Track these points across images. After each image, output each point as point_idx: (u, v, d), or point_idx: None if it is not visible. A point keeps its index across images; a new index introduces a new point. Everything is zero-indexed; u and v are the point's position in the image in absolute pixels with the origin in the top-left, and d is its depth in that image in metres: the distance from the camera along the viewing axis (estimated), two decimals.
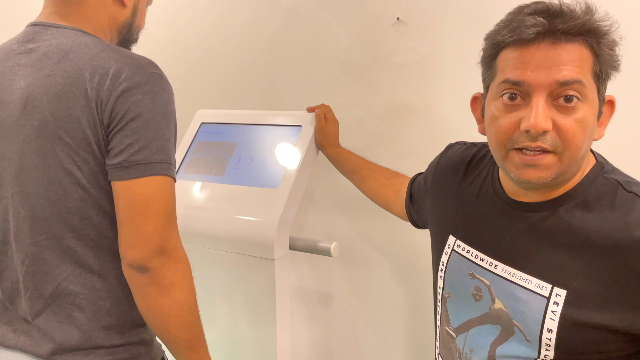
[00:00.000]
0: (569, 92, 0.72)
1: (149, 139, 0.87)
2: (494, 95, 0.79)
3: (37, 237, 0.91)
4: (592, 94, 0.74)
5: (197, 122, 1.55)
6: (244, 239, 1.27)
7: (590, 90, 0.73)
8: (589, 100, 0.73)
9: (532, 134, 0.73)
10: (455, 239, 0.93)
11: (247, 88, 1.77)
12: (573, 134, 0.73)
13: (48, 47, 0.91)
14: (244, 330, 1.33)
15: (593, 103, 0.74)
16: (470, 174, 0.96)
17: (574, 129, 0.73)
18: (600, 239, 0.74)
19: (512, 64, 0.75)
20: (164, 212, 0.88)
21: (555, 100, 0.73)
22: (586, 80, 0.72)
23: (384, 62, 1.51)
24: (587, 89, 0.73)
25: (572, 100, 0.72)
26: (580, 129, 0.73)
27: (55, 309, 0.92)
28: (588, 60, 0.72)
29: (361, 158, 1.36)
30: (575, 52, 0.72)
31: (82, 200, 0.90)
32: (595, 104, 0.75)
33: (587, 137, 0.74)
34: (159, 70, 0.91)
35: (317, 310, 1.76)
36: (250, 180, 1.35)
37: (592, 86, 0.74)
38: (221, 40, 1.79)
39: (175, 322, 0.91)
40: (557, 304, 0.75)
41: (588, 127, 0.74)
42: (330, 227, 1.69)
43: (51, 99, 0.87)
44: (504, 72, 0.76)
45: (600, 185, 0.78)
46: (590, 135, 0.76)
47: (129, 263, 0.88)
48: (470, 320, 0.88)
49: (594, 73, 0.73)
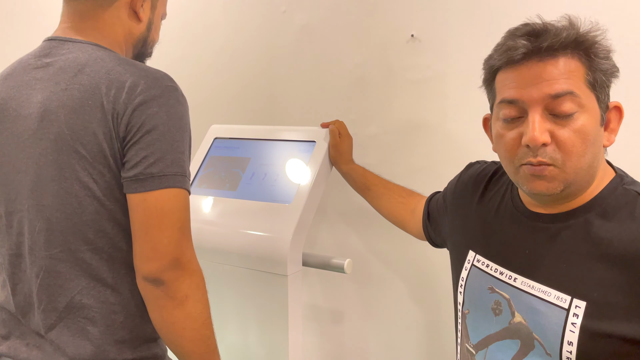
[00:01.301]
0: (563, 104, 0.75)
1: (164, 151, 0.87)
2: (496, 115, 0.84)
3: (52, 250, 0.91)
4: (589, 103, 0.76)
5: (211, 137, 1.55)
6: (257, 255, 1.26)
7: (586, 99, 0.76)
8: (587, 109, 0.76)
9: (532, 148, 0.76)
10: (475, 254, 0.93)
11: (260, 103, 1.77)
12: (571, 144, 0.75)
13: (65, 61, 0.92)
14: (255, 347, 1.32)
15: (592, 112, 0.76)
16: (490, 190, 0.97)
17: (572, 140, 0.75)
18: (620, 248, 0.74)
19: (507, 84, 0.79)
20: (179, 224, 0.88)
21: (553, 113, 0.76)
22: (579, 90, 0.75)
23: (397, 79, 1.52)
24: (581, 99, 0.75)
25: (568, 111, 0.75)
26: (579, 138, 0.75)
27: (68, 323, 0.92)
28: (578, 70, 0.75)
29: (375, 175, 1.36)
30: (564, 65, 0.75)
31: (98, 213, 0.90)
32: (595, 112, 0.77)
33: (588, 145, 0.76)
34: (174, 84, 0.92)
35: (329, 328, 1.75)
36: (264, 195, 1.35)
37: (587, 95, 0.76)
38: (235, 56, 1.80)
39: (189, 335, 0.90)
40: (576, 316, 0.75)
41: (588, 135, 0.76)
42: (343, 244, 1.68)
43: (68, 112, 0.88)
44: (500, 92, 0.81)
45: (620, 196, 0.79)
46: (594, 143, 0.77)
47: (144, 276, 0.88)
48: (489, 336, 0.87)
49: (587, 82, 0.76)
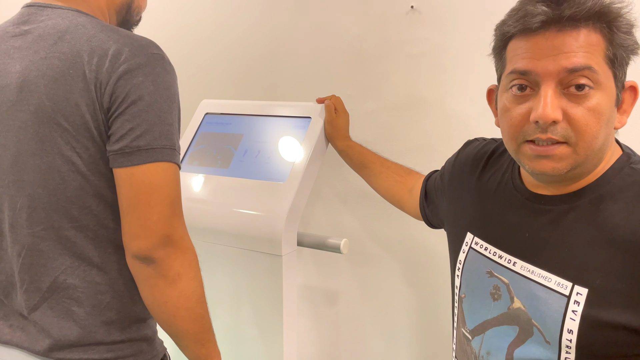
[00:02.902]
0: (579, 80, 0.71)
1: (151, 123, 0.85)
2: (504, 87, 0.79)
3: (35, 227, 0.89)
4: (606, 81, 0.72)
5: (202, 112, 1.53)
6: (251, 234, 1.25)
7: (604, 76, 0.72)
8: (603, 87, 0.72)
9: (542, 125, 0.72)
10: (473, 236, 0.91)
11: (253, 78, 1.75)
12: (585, 123, 0.71)
13: (44, 28, 0.89)
14: (249, 329, 1.32)
15: (608, 90, 0.73)
16: (489, 169, 0.94)
17: (586, 118, 0.71)
18: (626, 233, 0.71)
19: (520, 53, 0.75)
20: (169, 200, 0.86)
21: (566, 89, 0.72)
22: (598, 66, 0.71)
23: (396, 53, 1.50)
24: (599, 76, 0.71)
25: (584, 88, 0.71)
26: (593, 117, 0.72)
27: (52, 303, 0.90)
28: (599, 45, 0.71)
29: (373, 153, 1.34)
30: (584, 37, 0.71)
31: (82, 188, 0.88)
32: (611, 91, 0.73)
33: (602, 126, 0.72)
34: (160, 51, 0.89)
35: (324, 310, 1.75)
36: (257, 173, 1.34)
37: (605, 72, 0.72)
38: (227, 27, 1.78)
39: (182, 314, 0.89)
40: (577, 303, 0.73)
41: (603, 115, 0.72)
42: (338, 224, 1.67)
43: (48, 82, 0.85)
44: (512, 62, 0.76)
45: (626, 176, 0.76)
46: (608, 124, 0.73)
47: (134, 254, 0.86)
48: (486, 321, 0.85)
49: (607, 58, 0.72)
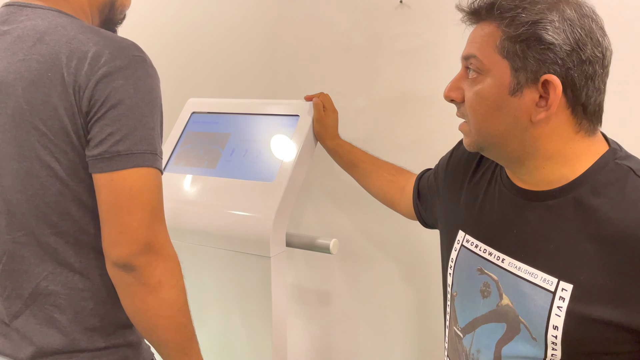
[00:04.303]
0: (469, 66, 0.80)
1: (131, 127, 0.83)
2: None
3: (15, 233, 0.88)
4: (496, 69, 0.76)
5: (188, 111, 1.52)
6: (238, 236, 1.25)
7: (492, 65, 0.76)
8: (492, 74, 0.77)
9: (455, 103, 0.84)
10: (465, 234, 0.91)
11: (241, 76, 1.74)
12: (470, 105, 0.80)
13: (23, 29, 0.87)
14: (238, 332, 1.31)
15: (498, 78, 0.76)
16: (482, 166, 0.95)
17: (471, 101, 0.80)
18: (609, 228, 0.72)
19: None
20: (149, 206, 0.84)
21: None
22: (483, 55, 0.77)
23: (386, 48, 1.49)
24: (483, 64, 0.77)
25: (471, 73, 0.80)
26: (476, 101, 0.79)
27: (35, 310, 0.89)
28: (492, 36, 0.76)
29: (363, 151, 1.34)
30: (481, 29, 0.78)
31: (61, 194, 0.86)
32: (503, 80, 0.76)
33: (489, 111, 0.78)
34: (142, 54, 0.87)
35: (315, 310, 1.74)
36: (245, 173, 1.33)
37: (496, 61, 0.76)
38: (214, 24, 1.76)
39: (164, 323, 0.87)
40: (563, 299, 0.73)
41: (487, 100, 0.78)
42: (329, 223, 1.67)
43: (26, 85, 0.84)
44: None
45: (610, 172, 0.75)
46: (501, 111, 0.77)
47: (113, 261, 0.84)
48: (476, 319, 0.86)
49: (498, 48, 0.76)
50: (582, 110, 0.75)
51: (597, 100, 0.76)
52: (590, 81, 0.74)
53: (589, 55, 0.73)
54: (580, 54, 0.72)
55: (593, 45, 0.73)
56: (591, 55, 0.73)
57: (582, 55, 0.72)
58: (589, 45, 0.73)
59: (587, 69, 0.73)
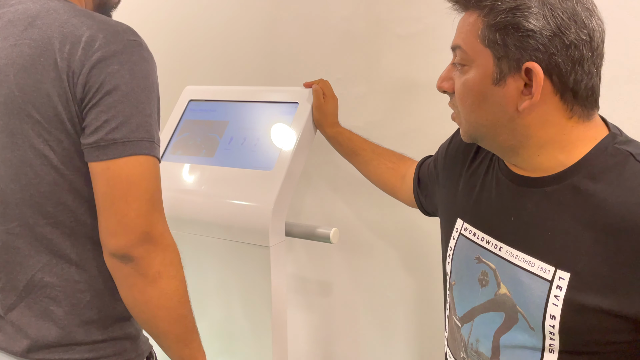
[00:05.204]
0: (456, 56, 0.80)
1: (127, 114, 0.82)
2: None
3: (9, 224, 0.87)
4: (480, 59, 0.76)
5: (185, 99, 1.50)
6: (237, 225, 1.24)
7: (476, 54, 0.76)
8: (476, 65, 0.77)
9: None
10: (463, 222, 0.91)
11: (238, 62, 1.73)
12: (458, 95, 0.80)
13: (14, 13, 0.86)
14: (238, 323, 1.31)
15: (483, 68, 0.76)
16: (480, 153, 0.94)
17: (459, 90, 0.80)
18: (607, 215, 0.70)
19: None
20: (147, 195, 0.83)
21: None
22: (467, 45, 0.77)
23: (386, 34, 1.48)
24: (468, 54, 0.77)
25: (458, 64, 0.80)
26: (464, 92, 0.79)
27: (30, 303, 0.89)
28: (475, 25, 0.76)
29: (363, 139, 1.33)
30: (468, 18, 0.78)
31: (56, 183, 0.85)
32: (487, 69, 0.76)
33: (476, 102, 0.78)
34: (137, 38, 0.86)
35: (316, 300, 1.74)
36: (243, 161, 1.32)
37: (480, 51, 0.76)
38: (211, 10, 1.74)
39: (163, 315, 0.87)
40: (560, 288, 0.72)
41: (472, 91, 0.78)
42: (329, 212, 1.66)
43: (17, 71, 0.83)
44: None
45: (609, 157, 0.74)
46: (487, 101, 0.77)
47: (111, 252, 0.83)
48: (474, 308, 0.85)
49: (480, 38, 0.75)
50: (572, 95, 0.73)
51: (589, 84, 0.73)
52: (578, 65, 0.71)
53: (573, 39, 0.70)
54: (563, 39, 0.70)
55: (577, 28, 0.70)
56: (576, 39, 0.70)
57: (565, 39, 0.70)
58: (573, 29, 0.70)
59: (573, 53, 0.71)
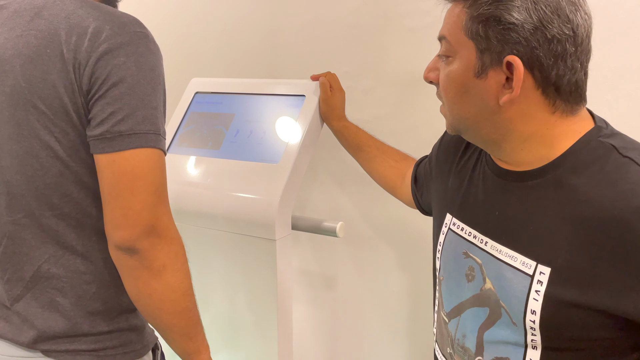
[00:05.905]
0: (441, 47, 0.80)
1: (133, 106, 0.81)
2: None
3: (15, 215, 0.87)
4: (463, 51, 0.76)
5: (191, 91, 1.50)
6: (243, 218, 1.24)
7: (460, 46, 0.76)
8: (460, 56, 0.76)
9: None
10: (452, 217, 0.91)
11: (245, 54, 1.72)
12: (442, 86, 0.80)
13: (20, 3, 0.86)
14: (243, 316, 1.31)
15: (466, 60, 0.76)
16: (469, 148, 0.93)
17: (443, 82, 0.80)
18: (588, 209, 0.69)
19: None
20: (153, 188, 0.83)
21: None
22: (452, 36, 0.77)
23: (395, 26, 1.46)
24: (452, 46, 0.77)
25: (443, 55, 0.80)
26: (447, 83, 0.79)
27: (36, 294, 0.89)
28: (459, 16, 0.76)
29: (369, 135, 1.32)
30: (454, 10, 0.77)
31: (62, 175, 0.85)
32: (469, 61, 0.76)
33: (459, 93, 0.78)
34: (144, 29, 0.85)
35: (321, 294, 1.74)
36: (249, 154, 1.32)
37: (464, 43, 0.75)
38: (218, 2, 1.74)
39: (168, 307, 0.87)
40: (540, 283, 0.72)
41: (454, 82, 0.77)
42: (336, 206, 1.66)
43: (24, 62, 0.82)
44: None
45: (592, 150, 0.73)
46: (468, 93, 0.77)
47: (116, 244, 0.83)
48: (461, 304, 0.85)
49: (464, 29, 0.75)
50: (554, 90, 0.72)
51: (572, 79, 0.72)
52: (560, 60, 0.70)
53: (555, 34, 0.69)
54: (545, 33, 0.69)
55: (561, 23, 0.69)
56: (558, 33, 0.69)
57: (547, 33, 0.69)
58: (556, 23, 0.69)
59: (555, 48, 0.70)
